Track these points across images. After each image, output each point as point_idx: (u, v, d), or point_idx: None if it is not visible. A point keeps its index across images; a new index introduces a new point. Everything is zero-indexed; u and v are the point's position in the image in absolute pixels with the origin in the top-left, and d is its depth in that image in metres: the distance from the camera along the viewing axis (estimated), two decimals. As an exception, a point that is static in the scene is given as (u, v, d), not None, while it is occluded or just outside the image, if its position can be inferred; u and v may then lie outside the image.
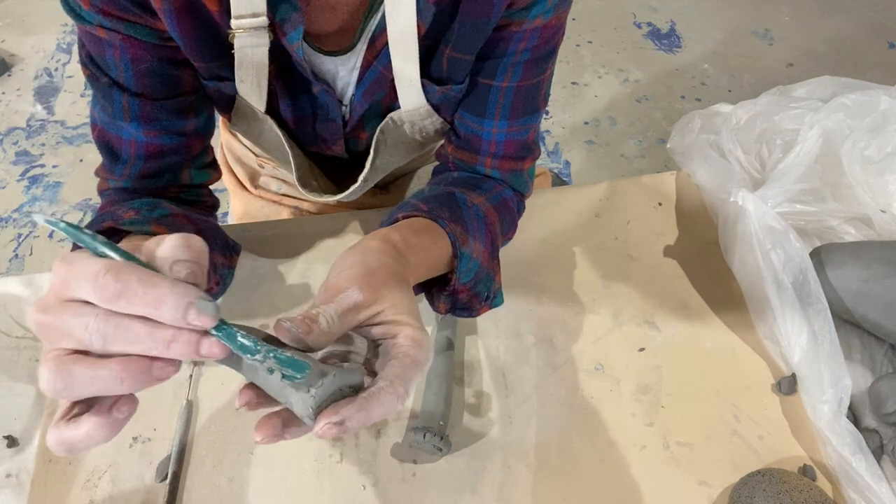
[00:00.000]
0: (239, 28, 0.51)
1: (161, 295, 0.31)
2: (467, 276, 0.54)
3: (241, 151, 0.91)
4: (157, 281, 0.31)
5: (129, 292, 0.31)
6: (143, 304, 0.31)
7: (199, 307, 0.31)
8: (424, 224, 0.52)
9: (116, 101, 0.55)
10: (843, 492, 0.59)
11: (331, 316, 0.38)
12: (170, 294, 0.31)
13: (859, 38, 2.26)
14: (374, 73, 0.58)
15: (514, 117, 0.61)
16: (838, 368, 0.61)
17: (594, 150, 1.94)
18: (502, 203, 0.63)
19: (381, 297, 0.41)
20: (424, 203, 0.54)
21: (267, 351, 0.34)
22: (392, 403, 0.36)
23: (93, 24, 0.51)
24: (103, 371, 0.32)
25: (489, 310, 0.58)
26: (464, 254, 0.52)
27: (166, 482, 0.59)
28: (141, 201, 0.55)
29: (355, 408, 0.35)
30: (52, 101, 2.01)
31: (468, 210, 0.56)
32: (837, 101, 0.74)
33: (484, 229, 0.57)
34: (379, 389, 0.37)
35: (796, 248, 0.65)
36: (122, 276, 0.31)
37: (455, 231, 0.52)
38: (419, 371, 0.39)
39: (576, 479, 0.61)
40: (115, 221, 0.50)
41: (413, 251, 0.48)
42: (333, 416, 0.35)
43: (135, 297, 0.31)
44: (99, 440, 0.33)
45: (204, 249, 0.35)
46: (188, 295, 0.31)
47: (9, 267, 1.64)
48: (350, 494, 0.59)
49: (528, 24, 0.55)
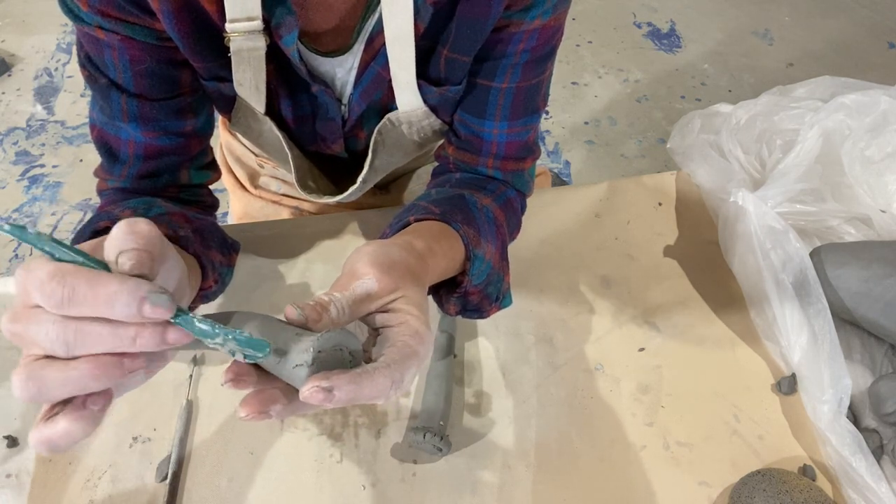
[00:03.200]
0: (234, 31, 0.51)
1: (110, 294, 0.30)
2: (479, 278, 0.53)
3: (240, 151, 0.91)
4: (104, 280, 0.30)
5: (77, 297, 0.30)
6: (95, 306, 0.30)
7: (152, 301, 0.30)
8: (440, 228, 0.52)
9: (115, 101, 0.55)
10: (843, 492, 0.59)
11: (342, 305, 0.38)
12: (119, 292, 0.30)
13: (859, 38, 2.26)
14: (371, 73, 0.58)
15: (514, 118, 0.61)
16: (838, 368, 0.61)
17: (594, 150, 1.94)
18: (507, 203, 0.63)
19: (396, 288, 0.40)
20: (436, 206, 0.54)
21: (226, 334, 0.33)
22: (385, 386, 0.36)
23: (91, 26, 0.51)
24: (74, 372, 0.31)
25: (498, 310, 0.58)
26: (477, 256, 0.52)
27: (166, 482, 0.59)
28: (137, 200, 0.55)
29: (346, 379, 0.34)
30: (52, 101, 2.01)
31: (479, 212, 0.56)
32: (837, 101, 0.74)
33: (494, 231, 0.57)
34: (374, 368, 0.36)
35: (796, 248, 0.65)
36: (67, 281, 0.30)
37: (468, 234, 0.52)
38: (417, 363, 0.38)
39: (576, 479, 0.61)
40: (110, 221, 0.50)
41: (433, 257, 0.48)
42: (324, 381, 0.34)
43: (84, 300, 0.30)
44: (79, 435, 0.32)
45: (152, 232, 0.34)
46: (139, 290, 0.30)
47: (9, 267, 1.64)
48: (350, 494, 0.59)
49: (526, 26, 0.55)
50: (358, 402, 0.36)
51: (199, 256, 0.54)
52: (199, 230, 0.56)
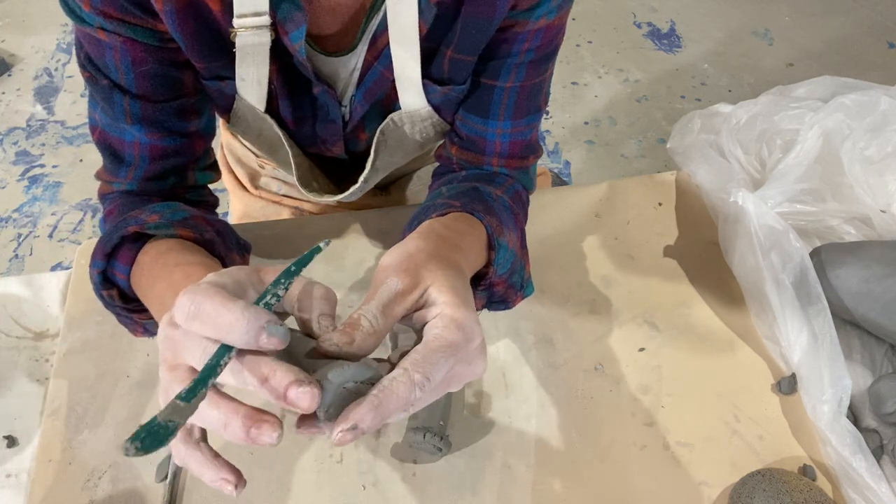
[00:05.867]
0: (241, 27, 0.51)
1: (232, 321, 0.33)
2: (504, 268, 0.53)
3: (241, 152, 0.91)
4: (230, 306, 0.33)
5: (201, 314, 0.33)
6: (216, 328, 0.33)
7: (269, 331, 0.33)
8: (464, 218, 0.51)
9: (118, 103, 0.55)
10: (843, 492, 0.59)
11: (373, 314, 0.37)
12: (240, 320, 0.33)
13: (859, 38, 2.26)
14: (374, 73, 0.58)
15: (517, 117, 0.61)
16: (838, 368, 0.61)
17: (594, 150, 1.94)
18: (516, 195, 0.63)
19: (421, 278, 0.40)
20: (455, 199, 0.53)
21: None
22: (406, 393, 0.35)
23: (93, 27, 0.51)
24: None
25: (522, 299, 0.58)
26: (501, 244, 0.51)
27: (166, 482, 0.59)
28: (161, 205, 0.55)
29: (366, 408, 0.34)
30: (52, 101, 2.01)
31: (495, 202, 0.56)
32: (837, 101, 0.74)
33: (513, 219, 0.57)
34: (390, 381, 0.35)
35: (796, 248, 0.65)
36: (197, 299, 0.34)
37: (491, 223, 0.52)
38: (450, 353, 0.37)
39: (576, 479, 0.61)
40: (139, 226, 0.50)
41: (460, 235, 0.48)
42: (344, 422, 0.34)
43: (207, 319, 0.33)
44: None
45: (335, 298, 0.39)
46: (259, 320, 0.33)
47: (9, 267, 1.64)
48: (350, 494, 0.59)
49: (531, 25, 0.55)
50: (390, 421, 0.36)
51: (223, 259, 0.54)
52: (220, 232, 0.56)
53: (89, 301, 0.69)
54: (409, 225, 0.54)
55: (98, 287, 0.53)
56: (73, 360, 0.66)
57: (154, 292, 0.49)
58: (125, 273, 0.52)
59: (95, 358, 0.66)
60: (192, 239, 0.53)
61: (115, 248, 0.52)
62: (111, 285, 0.53)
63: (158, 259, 0.50)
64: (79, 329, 0.68)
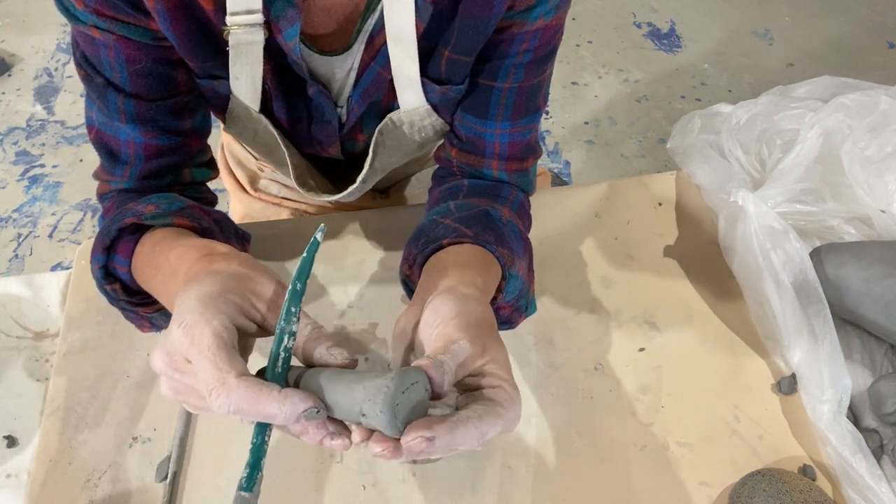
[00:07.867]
0: (234, 25, 0.51)
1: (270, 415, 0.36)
2: (511, 294, 0.54)
3: (241, 154, 0.91)
4: (264, 401, 0.36)
5: (241, 412, 0.37)
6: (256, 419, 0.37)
7: (307, 416, 0.37)
8: (481, 255, 0.52)
9: (112, 101, 0.55)
10: (843, 492, 0.59)
11: (451, 368, 0.40)
12: (280, 414, 0.36)
13: (859, 38, 2.26)
14: (371, 73, 0.58)
15: (516, 118, 0.61)
16: (838, 368, 0.61)
17: (594, 150, 1.94)
18: (521, 209, 0.63)
19: (486, 350, 0.42)
20: (466, 226, 0.54)
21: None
22: (473, 437, 0.37)
23: (87, 25, 0.51)
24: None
25: (524, 319, 0.59)
26: (512, 275, 0.53)
27: (166, 482, 0.59)
28: (158, 196, 0.55)
29: (446, 428, 0.36)
30: (52, 101, 2.01)
31: (505, 228, 0.56)
32: (837, 101, 0.74)
33: (523, 245, 0.58)
34: (467, 417, 0.37)
35: (796, 248, 0.65)
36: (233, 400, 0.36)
37: (503, 255, 0.53)
38: (502, 424, 0.39)
39: (576, 479, 0.61)
40: (137, 217, 0.51)
41: (489, 293, 0.50)
42: (426, 430, 0.36)
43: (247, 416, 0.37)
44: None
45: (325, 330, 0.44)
46: (297, 409, 0.37)
47: (9, 267, 1.64)
48: (350, 494, 0.59)
49: (529, 26, 0.55)
50: (448, 453, 0.38)
51: None
52: (217, 221, 0.57)
53: (89, 301, 0.69)
54: (419, 243, 0.54)
55: (101, 282, 0.53)
56: (73, 360, 0.66)
57: (157, 279, 0.49)
58: (126, 266, 0.52)
59: (95, 358, 0.66)
60: (189, 228, 0.53)
61: (114, 241, 0.52)
62: (114, 279, 0.53)
63: (155, 248, 0.50)
64: (79, 329, 0.68)
